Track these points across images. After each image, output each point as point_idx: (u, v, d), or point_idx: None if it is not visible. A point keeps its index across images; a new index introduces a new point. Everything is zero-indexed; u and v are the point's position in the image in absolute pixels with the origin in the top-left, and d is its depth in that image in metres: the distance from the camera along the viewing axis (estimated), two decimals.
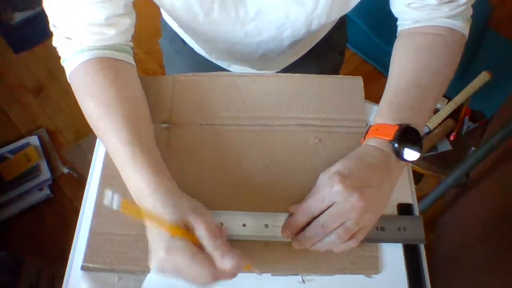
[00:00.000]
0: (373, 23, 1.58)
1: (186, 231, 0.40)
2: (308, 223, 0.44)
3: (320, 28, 0.58)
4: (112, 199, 0.39)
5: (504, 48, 1.66)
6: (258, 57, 0.66)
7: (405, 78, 0.51)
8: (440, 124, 1.13)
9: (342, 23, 0.79)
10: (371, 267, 0.45)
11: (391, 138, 0.46)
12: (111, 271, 0.45)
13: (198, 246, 0.40)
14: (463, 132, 1.14)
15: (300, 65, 0.77)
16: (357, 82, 0.57)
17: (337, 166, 0.45)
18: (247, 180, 0.50)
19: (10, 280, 1.13)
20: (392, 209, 0.49)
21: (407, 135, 0.46)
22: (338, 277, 0.45)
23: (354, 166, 0.45)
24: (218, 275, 0.39)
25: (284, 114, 0.54)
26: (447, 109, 1.14)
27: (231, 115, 0.54)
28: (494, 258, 0.92)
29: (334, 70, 0.86)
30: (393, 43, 0.56)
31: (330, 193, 0.43)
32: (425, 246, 0.47)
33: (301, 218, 0.44)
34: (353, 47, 1.74)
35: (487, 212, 1.04)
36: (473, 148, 1.10)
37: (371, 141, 0.47)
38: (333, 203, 0.43)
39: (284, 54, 0.67)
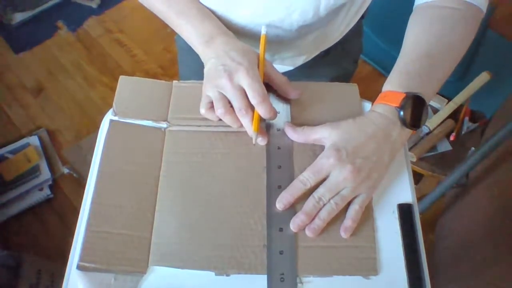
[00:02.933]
0: (373, 24, 1.58)
1: None
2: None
3: (328, 14, 0.58)
4: None
5: (504, 48, 1.66)
6: (268, 47, 0.66)
7: (416, 48, 0.51)
8: (440, 124, 1.13)
9: (359, 31, 0.79)
10: (369, 268, 0.45)
11: (397, 105, 0.47)
12: (107, 271, 0.44)
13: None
14: (463, 133, 1.14)
15: (314, 68, 0.77)
16: (353, 89, 0.57)
17: (335, 136, 0.48)
18: (244, 182, 0.50)
19: (10, 280, 1.14)
20: (392, 209, 0.49)
21: (414, 103, 0.47)
22: (336, 278, 0.45)
23: (352, 136, 0.47)
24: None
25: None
26: (447, 109, 1.14)
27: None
28: (494, 258, 0.92)
29: (346, 76, 0.86)
30: (393, 44, 0.56)
31: (326, 164, 0.46)
32: (425, 246, 0.47)
33: (296, 188, 0.47)
34: None
35: (487, 212, 1.04)
36: (473, 148, 1.10)
37: (378, 107, 0.49)
38: (328, 175, 0.46)
39: (294, 46, 0.67)
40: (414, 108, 0.47)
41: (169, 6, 0.56)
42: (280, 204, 0.47)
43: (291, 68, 0.76)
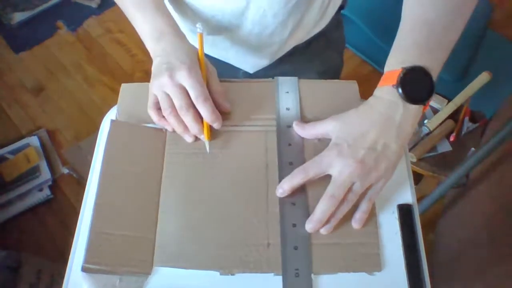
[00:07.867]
0: (372, 23, 1.59)
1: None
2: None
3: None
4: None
5: (504, 48, 1.66)
6: (251, 24, 0.64)
7: (411, 18, 0.48)
8: (440, 125, 1.13)
9: (339, 22, 0.78)
10: (373, 264, 0.45)
11: (394, 83, 0.45)
12: (112, 272, 0.44)
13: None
14: (463, 133, 1.14)
15: (299, 61, 0.76)
16: (352, 86, 0.57)
17: (337, 129, 0.47)
18: (246, 181, 0.50)
19: (10, 280, 1.14)
20: (392, 209, 0.49)
21: (413, 77, 0.44)
22: (340, 275, 0.45)
23: (353, 127, 0.46)
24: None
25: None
26: (447, 109, 1.14)
27: (228, 121, 0.54)
28: (494, 259, 0.92)
29: (335, 71, 0.85)
30: (393, 43, 0.56)
31: (326, 157, 0.45)
32: (425, 246, 0.48)
33: (297, 176, 0.46)
34: (352, 48, 1.74)
35: (487, 212, 1.04)
36: (473, 148, 1.10)
37: (377, 91, 0.48)
38: (330, 170, 0.45)
39: (278, 27, 0.65)
40: (415, 82, 0.44)
41: None
42: (280, 189, 0.47)
43: (270, 62, 0.74)
